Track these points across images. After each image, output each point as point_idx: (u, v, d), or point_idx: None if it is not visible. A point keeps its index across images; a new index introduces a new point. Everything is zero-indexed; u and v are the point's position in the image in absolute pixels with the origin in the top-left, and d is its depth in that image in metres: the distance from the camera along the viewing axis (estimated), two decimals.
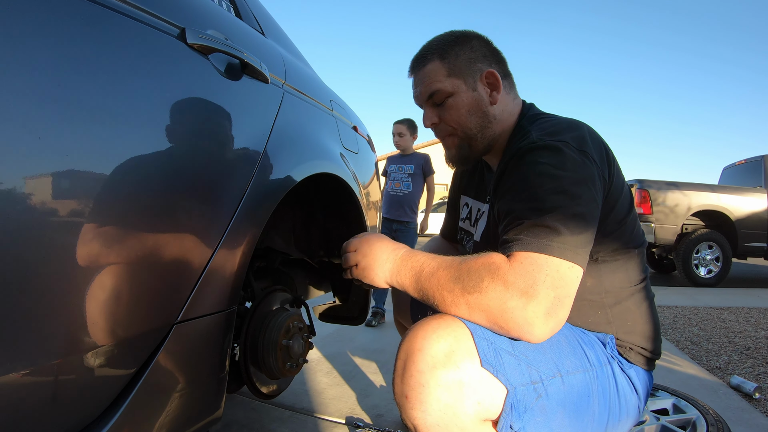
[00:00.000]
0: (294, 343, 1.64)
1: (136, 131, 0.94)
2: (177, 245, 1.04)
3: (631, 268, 1.33)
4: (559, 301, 1.01)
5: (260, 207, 1.30)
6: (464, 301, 1.06)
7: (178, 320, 1.05)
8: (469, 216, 1.64)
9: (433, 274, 1.13)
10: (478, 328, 1.07)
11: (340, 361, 3.07)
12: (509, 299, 1.00)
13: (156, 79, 1.01)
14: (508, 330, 1.03)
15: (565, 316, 1.03)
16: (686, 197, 7.52)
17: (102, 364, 0.90)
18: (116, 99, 0.90)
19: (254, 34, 1.60)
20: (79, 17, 0.86)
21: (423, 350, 1.04)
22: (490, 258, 1.07)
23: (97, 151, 0.85)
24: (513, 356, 1.09)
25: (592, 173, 1.16)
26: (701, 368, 3.10)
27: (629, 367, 1.29)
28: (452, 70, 1.36)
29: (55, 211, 0.79)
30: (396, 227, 4.49)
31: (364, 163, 2.36)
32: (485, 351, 1.05)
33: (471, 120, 1.38)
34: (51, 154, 0.77)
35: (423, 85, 1.40)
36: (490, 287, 1.02)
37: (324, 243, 2.07)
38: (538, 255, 1.03)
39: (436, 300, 1.12)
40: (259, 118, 1.38)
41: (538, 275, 1.01)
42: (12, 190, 0.72)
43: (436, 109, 1.41)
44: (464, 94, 1.37)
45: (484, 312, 1.04)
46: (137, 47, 0.98)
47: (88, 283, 0.84)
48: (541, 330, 1.01)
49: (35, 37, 0.77)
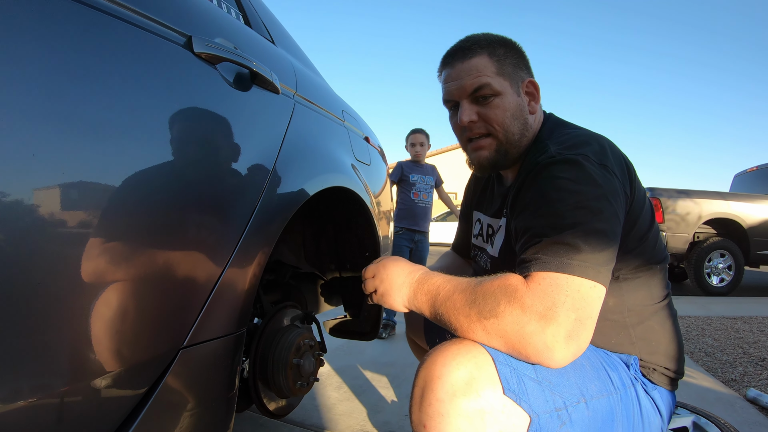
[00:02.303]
0: (305, 361, 1.59)
1: (139, 144, 0.90)
2: (183, 265, 0.99)
3: (654, 285, 1.28)
4: (580, 323, 0.96)
5: (271, 222, 1.26)
6: (481, 326, 1.01)
7: (184, 345, 1.00)
8: (482, 233, 1.58)
9: (449, 298, 1.08)
10: (500, 354, 1.02)
11: (350, 375, 3.02)
12: (527, 323, 0.95)
13: (161, 90, 0.97)
14: (527, 356, 0.98)
15: (587, 339, 0.98)
16: (697, 205, 7.43)
17: (106, 391, 0.85)
18: (117, 111, 0.86)
19: (264, 42, 1.56)
20: (78, 25, 0.82)
21: (442, 378, 0.99)
22: (506, 280, 1.02)
23: (97, 166, 0.81)
24: (536, 382, 1.03)
25: (613, 187, 1.12)
26: (716, 381, 3.06)
27: (653, 388, 1.24)
28: (501, 70, 1.30)
29: (56, 230, 0.75)
30: (418, 237, 4.52)
31: (376, 174, 2.32)
32: (507, 378, 1.00)
33: (514, 125, 1.31)
34: (48, 170, 0.73)
35: (469, 77, 1.29)
36: (507, 311, 0.97)
37: (335, 256, 2.03)
38: (557, 275, 0.98)
39: (453, 325, 1.07)
40: (270, 130, 1.33)
41: (558, 296, 0.96)
42: (9, 207, 0.68)
43: (476, 106, 1.32)
44: (511, 96, 1.31)
45: (501, 338, 0.99)
46: (141, 56, 0.94)
47: (88, 307, 0.80)
48: (562, 355, 0.95)
49: (32, 46, 0.73)
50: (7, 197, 0.68)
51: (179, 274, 0.98)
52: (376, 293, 1.26)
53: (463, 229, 1.82)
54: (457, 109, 1.36)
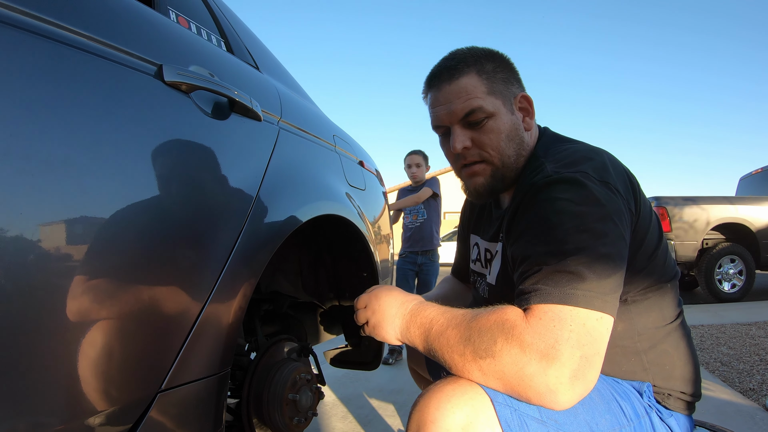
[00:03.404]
0: (301, 396, 1.53)
1: (107, 179, 0.86)
2: (159, 303, 0.94)
3: (666, 305, 1.19)
4: (586, 361, 0.88)
5: (257, 252, 1.21)
6: (476, 366, 0.93)
7: (162, 388, 0.94)
8: (479, 258, 1.50)
9: (442, 333, 1.00)
10: (499, 393, 0.94)
11: (355, 404, 2.96)
12: (527, 364, 0.87)
13: (130, 122, 0.93)
14: (527, 398, 0.90)
15: (594, 377, 0.90)
16: (704, 211, 7.35)
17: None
18: (82, 147, 0.82)
19: (246, 68, 1.52)
20: (36, 58, 0.77)
21: (436, 422, 0.90)
22: (504, 314, 0.94)
23: (64, 205, 0.77)
24: (540, 423, 0.95)
25: (617, 206, 1.04)
26: (734, 392, 2.99)
27: (669, 415, 1.15)
28: (491, 88, 1.22)
29: (26, 273, 0.71)
30: (422, 260, 4.45)
31: (373, 199, 2.26)
32: (508, 420, 0.92)
33: (510, 146, 1.23)
34: (7, 212, 0.69)
35: (459, 101, 1.21)
36: (504, 350, 0.90)
37: (333, 285, 1.97)
38: (560, 307, 0.90)
39: (447, 362, 0.99)
40: (251, 159, 1.29)
41: (561, 332, 0.88)
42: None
43: (468, 131, 1.24)
44: (504, 116, 1.23)
45: (499, 379, 0.91)
46: (106, 88, 0.89)
47: (56, 351, 0.76)
48: (566, 397, 0.87)
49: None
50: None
51: (156, 312, 0.93)
52: (368, 324, 1.19)
53: (461, 253, 1.74)
54: (448, 134, 1.27)
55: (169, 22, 1.20)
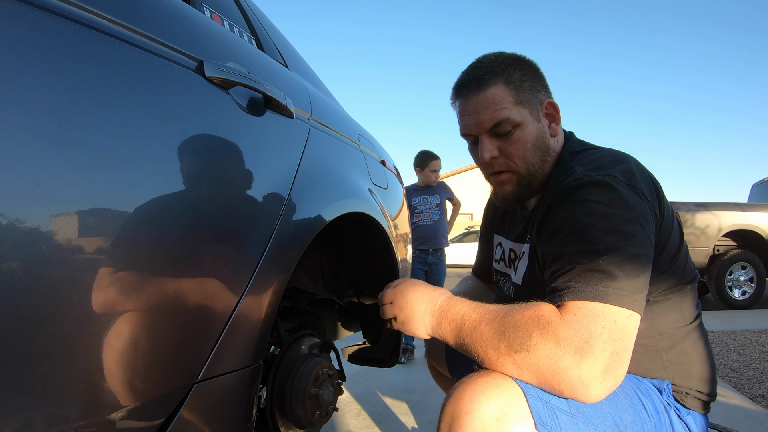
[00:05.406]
0: (323, 391, 1.54)
1: (150, 172, 0.87)
2: (197, 296, 0.95)
3: (685, 306, 1.23)
4: (617, 356, 0.91)
5: (288, 250, 1.22)
6: (511, 360, 0.96)
7: (198, 379, 0.96)
8: (503, 257, 1.52)
9: (475, 328, 1.03)
10: (531, 386, 0.97)
11: (369, 402, 2.98)
12: (561, 358, 0.91)
13: (171, 116, 0.94)
14: (560, 391, 0.93)
15: (623, 372, 0.93)
16: (716, 218, 7.30)
17: (120, 423, 0.82)
18: (126, 138, 0.83)
19: (277, 66, 1.54)
20: (84, 49, 0.79)
21: (471, 413, 0.93)
22: (538, 310, 0.97)
23: (106, 196, 0.78)
24: (569, 415, 0.98)
25: (644, 210, 1.07)
26: (744, 397, 3.01)
27: (686, 413, 1.18)
28: (519, 97, 1.23)
29: (64, 262, 0.72)
30: (432, 260, 4.53)
31: (393, 197, 2.27)
32: (539, 412, 0.95)
33: (535, 155, 1.26)
34: (54, 199, 0.70)
35: (487, 112, 1.23)
36: (540, 344, 0.92)
37: (353, 282, 1.98)
38: (593, 304, 0.93)
39: (480, 357, 1.02)
40: (285, 156, 1.30)
41: (594, 328, 0.91)
42: (15, 238, 0.65)
43: (496, 141, 1.26)
44: (531, 125, 1.25)
45: (533, 372, 0.94)
46: (150, 82, 0.91)
47: (98, 341, 0.77)
48: (597, 390, 0.91)
49: (39, 72, 0.71)
50: (12, 227, 0.65)
51: (193, 305, 0.95)
52: (396, 320, 1.21)
53: (483, 253, 1.76)
54: (476, 142, 1.30)
55: (207, 19, 1.22)
